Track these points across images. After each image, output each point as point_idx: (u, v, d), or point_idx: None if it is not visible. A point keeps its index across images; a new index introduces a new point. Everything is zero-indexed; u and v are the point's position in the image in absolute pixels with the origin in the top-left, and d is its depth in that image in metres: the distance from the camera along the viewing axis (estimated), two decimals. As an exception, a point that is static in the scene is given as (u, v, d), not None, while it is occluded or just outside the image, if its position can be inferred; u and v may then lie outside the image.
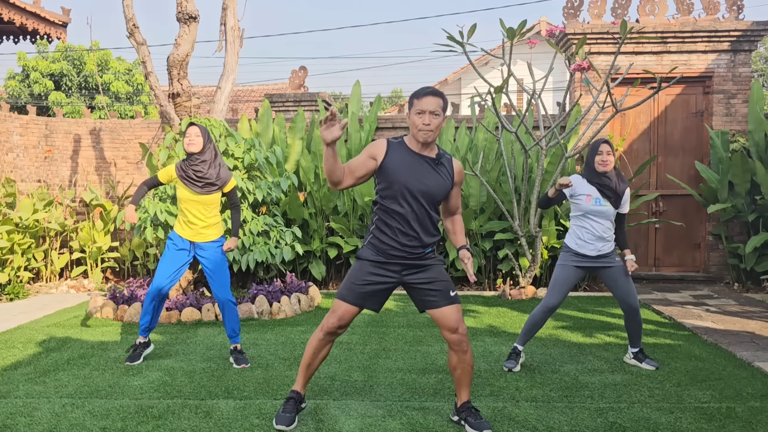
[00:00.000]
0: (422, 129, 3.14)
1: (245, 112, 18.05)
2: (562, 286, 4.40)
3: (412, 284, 3.30)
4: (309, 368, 3.43)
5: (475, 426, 3.30)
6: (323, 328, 3.33)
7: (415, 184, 3.17)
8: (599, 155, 4.32)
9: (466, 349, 3.30)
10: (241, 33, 7.54)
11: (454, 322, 3.26)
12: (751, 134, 8.04)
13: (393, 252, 3.24)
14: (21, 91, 17.77)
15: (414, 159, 3.20)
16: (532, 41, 7.27)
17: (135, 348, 4.72)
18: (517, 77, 7.51)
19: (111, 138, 9.81)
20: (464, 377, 3.36)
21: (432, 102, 3.12)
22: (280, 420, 3.35)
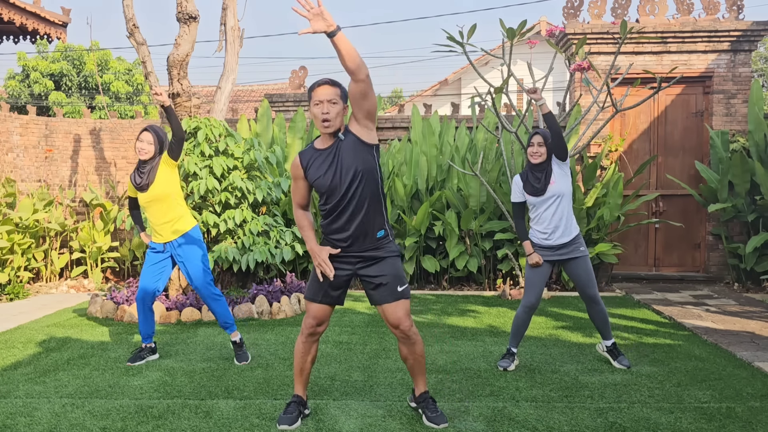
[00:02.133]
0: (323, 119, 3.16)
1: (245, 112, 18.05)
2: (536, 284, 4.44)
3: (364, 278, 3.35)
4: (302, 372, 3.48)
5: (431, 420, 3.36)
6: (303, 330, 3.42)
7: (337, 179, 3.20)
8: (531, 147, 4.37)
9: (415, 340, 3.36)
10: (241, 33, 7.54)
11: (395, 320, 3.30)
12: (751, 134, 8.04)
13: (342, 245, 3.29)
14: (21, 91, 17.77)
15: (325, 155, 3.23)
16: (532, 41, 7.26)
17: (140, 350, 4.72)
18: (517, 77, 7.51)
19: (111, 138, 9.81)
20: (416, 367, 3.42)
21: (327, 91, 3.15)
22: (283, 420, 3.37)
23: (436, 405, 3.43)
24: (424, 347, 3.44)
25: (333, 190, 3.23)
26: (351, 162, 3.19)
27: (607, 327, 4.54)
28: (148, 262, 4.66)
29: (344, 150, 3.20)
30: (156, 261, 4.65)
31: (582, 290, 4.44)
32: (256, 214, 7.04)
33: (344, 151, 3.20)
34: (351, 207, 3.22)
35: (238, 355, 4.64)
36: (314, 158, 3.27)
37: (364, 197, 3.23)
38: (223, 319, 4.69)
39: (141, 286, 4.64)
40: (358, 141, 3.20)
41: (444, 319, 6.18)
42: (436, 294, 7.76)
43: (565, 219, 4.36)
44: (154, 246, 4.67)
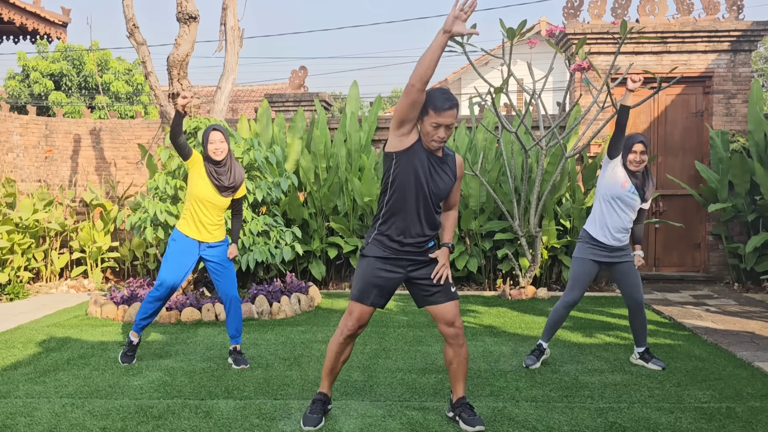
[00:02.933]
0: (436, 140, 3.16)
1: (245, 112, 18.05)
2: (582, 282, 4.42)
3: (416, 280, 3.35)
4: (333, 372, 3.47)
5: (468, 422, 3.34)
6: (343, 332, 3.36)
7: (425, 183, 3.21)
8: (633, 154, 4.27)
9: (462, 342, 3.37)
10: (241, 33, 7.54)
11: (452, 317, 3.32)
12: (751, 134, 8.04)
13: (400, 247, 3.29)
14: (21, 91, 17.77)
15: (425, 156, 3.23)
16: (532, 41, 7.26)
17: (129, 348, 4.67)
18: (517, 77, 7.51)
19: (111, 138, 9.81)
20: (460, 371, 3.42)
21: (451, 116, 3.12)
22: (308, 421, 3.37)
23: (473, 410, 3.40)
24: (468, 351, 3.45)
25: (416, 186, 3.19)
26: (445, 181, 3.26)
27: (644, 333, 4.53)
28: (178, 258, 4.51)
29: (447, 169, 3.27)
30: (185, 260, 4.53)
31: (630, 295, 4.42)
32: (256, 214, 7.04)
33: (447, 169, 3.27)
34: (423, 212, 3.24)
35: (236, 360, 4.62)
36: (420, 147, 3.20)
37: (436, 211, 3.29)
38: (237, 327, 4.67)
39: (167, 282, 4.50)
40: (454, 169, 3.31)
41: (444, 319, 6.18)
42: (436, 294, 7.74)
43: (630, 226, 4.39)
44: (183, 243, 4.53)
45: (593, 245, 4.40)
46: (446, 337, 3.36)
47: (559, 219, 8.04)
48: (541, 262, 7.99)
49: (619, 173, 4.32)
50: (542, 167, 7.37)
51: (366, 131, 8.54)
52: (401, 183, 3.21)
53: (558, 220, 8.09)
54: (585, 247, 4.42)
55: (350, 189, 8.08)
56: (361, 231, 8.27)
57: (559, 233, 8.08)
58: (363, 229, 8.27)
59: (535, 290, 7.46)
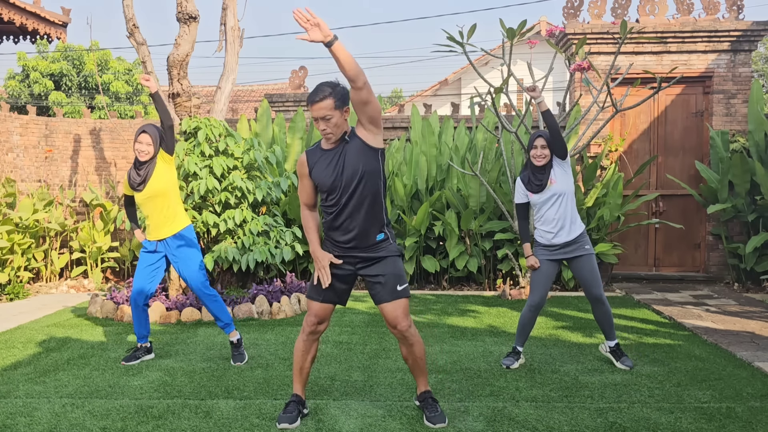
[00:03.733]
0: (323, 135, 3.25)
1: (245, 112, 18.05)
2: (542, 283, 4.46)
3: (365, 277, 3.39)
4: (302, 371, 3.50)
5: (429, 419, 3.38)
6: (304, 329, 3.44)
7: (340, 178, 3.24)
8: (534, 149, 4.37)
9: (413, 341, 3.38)
10: (241, 33, 7.54)
11: (393, 319, 3.33)
12: (751, 134, 8.04)
13: (344, 246, 3.33)
14: (21, 91, 17.77)
15: (328, 156, 3.28)
16: (532, 41, 7.26)
17: (135, 350, 4.72)
18: (517, 77, 7.51)
19: (111, 138, 9.81)
20: (416, 367, 3.46)
21: (320, 109, 3.16)
22: (283, 420, 3.38)
23: (436, 404, 3.44)
24: (423, 348, 3.45)
25: (334, 189, 3.26)
26: (354, 163, 3.22)
27: (611, 328, 4.53)
28: (142, 263, 4.64)
29: (349, 152, 3.25)
30: (150, 262, 4.63)
31: (587, 290, 4.44)
32: (256, 214, 7.04)
33: (349, 152, 3.24)
34: (351, 207, 3.26)
35: (235, 356, 4.63)
36: (320, 157, 3.31)
37: (364, 198, 3.26)
38: (220, 318, 4.68)
39: (135, 287, 4.63)
40: (363, 144, 3.24)
41: (444, 319, 6.18)
42: (436, 294, 7.76)
43: (569, 217, 4.37)
44: (147, 245, 4.66)
45: (541, 247, 4.48)
46: (395, 335, 3.40)
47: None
48: (541, 262, 7.98)
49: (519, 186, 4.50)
50: (542, 167, 7.36)
51: (366, 131, 8.52)
52: (321, 195, 3.36)
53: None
54: (539, 250, 4.50)
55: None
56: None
57: (559, 233, 8.06)
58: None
59: (535, 290, 7.44)
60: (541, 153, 4.34)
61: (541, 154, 4.33)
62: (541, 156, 4.34)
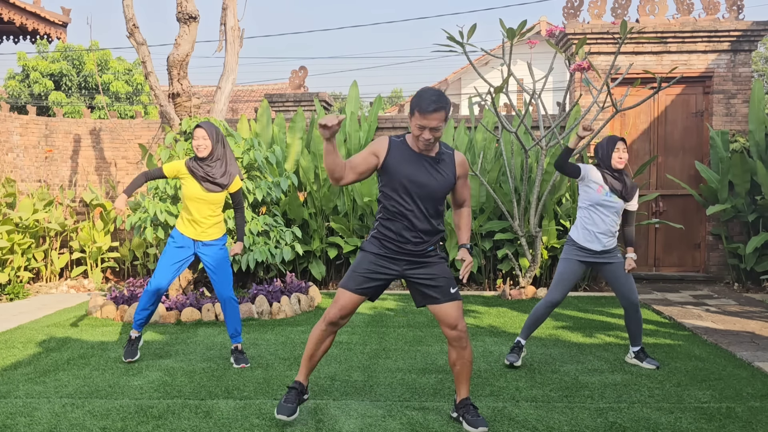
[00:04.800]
0: (422, 142, 3.18)
1: (245, 112, 18.05)
2: (566, 282, 4.44)
3: (413, 279, 3.35)
4: (311, 359, 3.45)
5: (471, 423, 3.33)
6: (325, 318, 3.38)
7: (414, 183, 3.21)
8: (616, 152, 4.37)
9: (465, 345, 3.35)
10: (241, 33, 7.54)
11: (454, 320, 3.31)
12: (751, 134, 8.04)
13: (395, 247, 3.30)
14: (21, 91, 17.77)
15: (414, 158, 3.24)
16: (532, 41, 7.26)
17: (131, 343, 4.70)
18: (517, 77, 7.51)
19: (111, 138, 9.81)
20: (463, 373, 3.41)
21: (435, 119, 3.11)
22: (282, 410, 3.35)
23: (477, 411, 3.39)
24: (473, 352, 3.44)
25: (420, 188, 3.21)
26: (440, 181, 3.25)
27: (640, 333, 4.55)
28: (171, 257, 4.58)
29: (443, 166, 3.27)
30: (179, 258, 4.59)
31: (625, 296, 4.45)
32: (256, 214, 7.04)
33: (443, 166, 3.27)
34: (424, 211, 3.25)
35: (237, 358, 4.62)
36: (405, 152, 3.24)
37: (434, 212, 3.28)
38: (236, 327, 4.68)
39: (157, 281, 4.57)
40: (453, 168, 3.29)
41: (444, 319, 6.17)
42: (436, 294, 7.74)
43: (616, 230, 4.43)
44: (181, 240, 4.59)
45: (578, 248, 4.45)
46: (449, 339, 3.36)
47: (559, 219, 8.04)
48: (541, 262, 7.99)
49: (592, 181, 4.43)
50: (542, 167, 7.37)
51: (366, 131, 8.54)
52: (389, 190, 3.27)
53: (558, 220, 8.09)
54: (571, 249, 4.48)
55: (350, 189, 8.08)
56: (361, 231, 8.27)
57: (559, 233, 8.08)
58: (363, 229, 8.26)
59: (535, 290, 7.45)
60: (623, 156, 4.37)
61: (623, 157, 4.37)
62: (623, 159, 4.37)
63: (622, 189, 4.36)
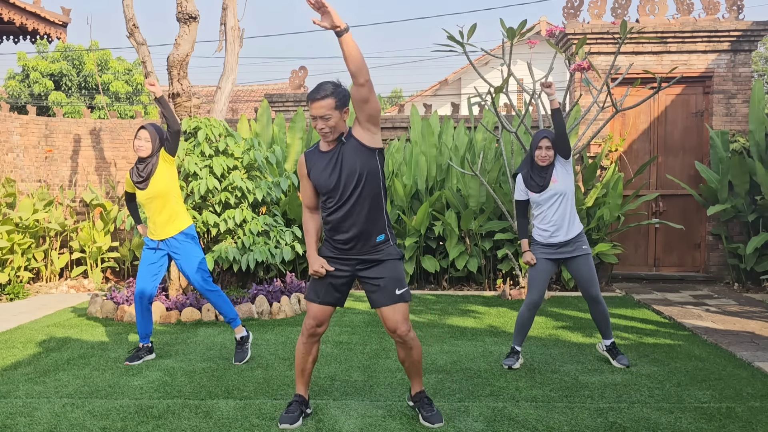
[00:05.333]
0: (320, 133, 3.23)
1: (245, 112, 18.05)
2: (539, 281, 4.46)
3: (363, 280, 3.37)
4: (303, 372, 3.49)
5: (427, 419, 3.37)
6: (303, 331, 3.42)
7: (338, 179, 3.23)
8: (539, 150, 4.36)
9: (412, 345, 3.37)
10: (241, 33, 7.54)
11: (392, 324, 3.31)
12: (752, 134, 8.03)
13: (343, 247, 3.32)
14: (21, 91, 17.76)
15: (328, 156, 3.27)
16: (532, 41, 7.26)
17: (138, 350, 4.73)
18: (517, 77, 7.51)
19: (111, 138, 9.81)
20: (412, 370, 3.46)
21: (320, 107, 3.16)
22: (284, 420, 3.38)
23: (432, 404, 3.44)
24: (421, 351, 3.44)
25: (333, 191, 3.25)
26: (352, 164, 3.21)
27: (607, 327, 4.55)
28: (145, 261, 4.67)
29: (346, 152, 3.23)
30: (153, 260, 4.66)
31: (584, 289, 4.45)
32: (256, 214, 7.04)
33: (346, 153, 3.23)
34: (350, 209, 3.24)
35: (237, 353, 4.64)
36: (318, 159, 3.30)
37: (364, 199, 3.24)
38: (225, 313, 4.70)
39: (139, 285, 4.65)
40: (360, 144, 3.22)
41: (444, 319, 6.18)
42: (436, 294, 7.76)
43: (568, 217, 4.38)
44: (149, 243, 4.69)
45: (539, 245, 4.48)
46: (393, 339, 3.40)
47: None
48: (541, 262, 7.98)
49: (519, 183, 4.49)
50: (542, 167, 7.36)
51: (366, 131, 8.52)
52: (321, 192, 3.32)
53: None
54: (537, 248, 4.50)
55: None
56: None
57: (559, 233, 8.06)
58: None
59: (535, 290, 7.44)
60: (546, 154, 4.34)
61: (546, 155, 4.34)
62: (546, 157, 4.34)
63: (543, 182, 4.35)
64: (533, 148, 4.41)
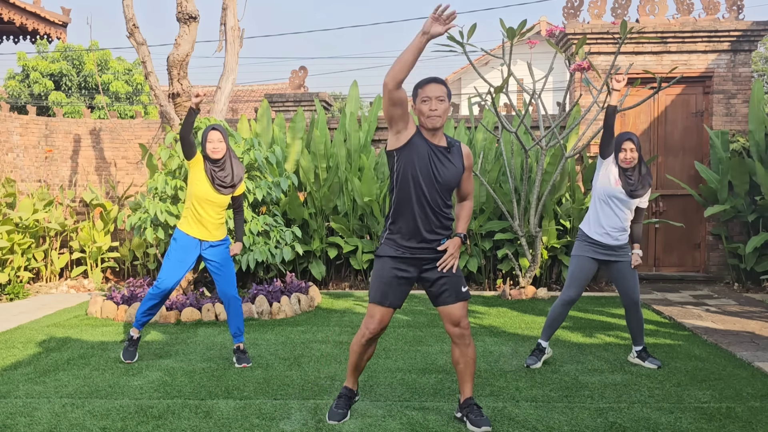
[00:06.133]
0: (430, 115, 3.20)
1: (245, 112, 18.05)
2: (580, 279, 4.44)
3: (428, 279, 3.36)
4: (357, 368, 3.53)
5: (474, 422, 3.34)
6: (365, 334, 3.38)
7: (430, 174, 3.23)
8: (622, 153, 4.34)
9: (469, 342, 3.38)
10: (241, 33, 7.54)
11: (458, 317, 3.34)
12: (751, 134, 8.03)
13: (413, 246, 3.30)
14: (21, 91, 17.77)
15: (429, 148, 3.26)
16: (532, 41, 7.26)
17: (131, 343, 4.70)
18: (517, 77, 7.52)
19: (111, 138, 9.81)
20: (467, 371, 3.42)
21: (436, 89, 3.20)
22: (333, 416, 3.43)
23: (481, 410, 3.39)
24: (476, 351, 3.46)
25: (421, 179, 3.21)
26: (451, 172, 3.27)
27: (641, 332, 4.56)
28: (178, 258, 4.56)
29: (453, 158, 3.29)
30: (186, 259, 4.57)
31: (628, 295, 4.45)
32: (257, 214, 7.04)
33: (450, 158, 3.28)
34: (426, 207, 3.25)
35: (239, 358, 4.62)
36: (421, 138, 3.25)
37: (445, 204, 3.29)
38: (239, 326, 4.69)
39: (165, 283, 4.55)
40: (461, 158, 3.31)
41: (444, 319, 6.18)
42: (436, 294, 7.74)
43: (627, 225, 4.40)
44: (185, 242, 4.56)
45: (590, 243, 4.43)
46: (452, 336, 3.38)
47: (559, 219, 8.04)
48: (541, 262, 7.99)
49: (612, 172, 4.38)
50: (542, 167, 7.37)
51: (366, 131, 8.54)
52: (405, 178, 3.24)
53: (558, 220, 8.09)
54: (583, 245, 4.46)
55: (350, 189, 8.08)
56: (361, 231, 8.27)
57: (559, 233, 8.08)
58: (363, 229, 8.26)
59: (535, 290, 7.45)
60: (630, 156, 4.31)
61: (631, 158, 4.31)
62: (631, 159, 4.31)
63: (631, 187, 4.33)
64: (617, 150, 4.35)
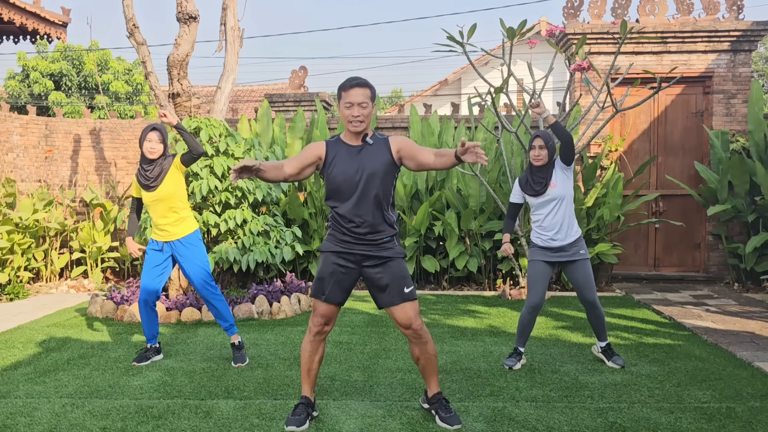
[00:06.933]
0: (352, 121, 3.23)
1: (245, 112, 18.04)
2: (538, 283, 4.46)
3: (370, 278, 3.36)
4: (310, 372, 3.47)
5: (445, 420, 3.35)
6: (310, 329, 3.42)
7: (354, 175, 3.24)
8: (532, 150, 4.36)
9: (426, 340, 3.38)
10: (241, 33, 7.54)
11: (406, 320, 3.34)
12: (751, 134, 8.04)
13: (349, 241, 3.31)
14: (21, 91, 17.76)
15: (350, 151, 3.28)
16: (532, 41, 7.26)
17: (145, 351, 4.73)
18: (517, 77, 7.51)
19: (111, 138, 9.82)
20: (428, 367, 3.43)
21: (359, 94, 3.21)
22: (291, 422, 3.36)
23: (449, 405, 3.42)
24: (434, 346, 3.45)
25: (349, 187, 3.25)
26: (373, 165, 3.25)
27: (603, 329, 4.58)
28: (149, 262, 4.65)
29: (371, 152, 3.27)
30: (157, 262, 4.64)
31: (581, 294, 4.46)
32: (256, 214, 7.04)
33: (370, 153, 3.27)
34: (362, 207, 3.25)
35: (236, 357, 4.63)
36: (340, 152, 3.29)
37: (377, 200, 3.26)
38: (226, 317, 4.69)
39: (143, 287, 4.63)
40: (387, 149, 3.27)
41: (444, 319, 6.18)
42: (436, 294, 7.76)
43: (566, 222, 4.38)
44: (154, 244, 4.67)
45: (537, 248, 4.48)
46: (407, 337, 3.39)
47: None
48: (541, 262, 7.98)
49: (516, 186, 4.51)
50: (542, 167, 7.36)
51: (366, 131, 8.53)
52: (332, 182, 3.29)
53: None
54: (535, 250, 4.51)
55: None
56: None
57: (559, 233, 8.06)
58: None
59: (535, 290, 7.44)
60: (539, 153, 4.33)
61: (539, 155, 4.33)
62: (540, 156, 4.33)
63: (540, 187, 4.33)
64: (528, 148, 4.42)
